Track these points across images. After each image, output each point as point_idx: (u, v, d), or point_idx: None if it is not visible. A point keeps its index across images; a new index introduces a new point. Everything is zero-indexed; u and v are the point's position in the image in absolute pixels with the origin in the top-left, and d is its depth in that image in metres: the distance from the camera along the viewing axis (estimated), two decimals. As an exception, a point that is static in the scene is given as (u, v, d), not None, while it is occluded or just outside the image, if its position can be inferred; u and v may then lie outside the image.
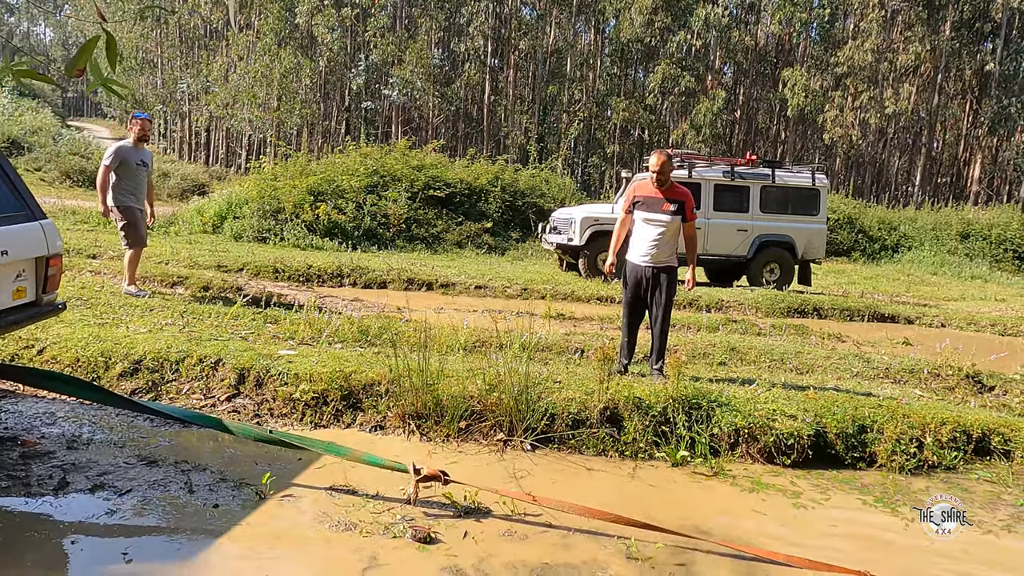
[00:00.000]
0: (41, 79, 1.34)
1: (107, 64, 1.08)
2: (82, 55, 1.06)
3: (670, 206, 5.30)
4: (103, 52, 1.16)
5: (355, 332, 6.09)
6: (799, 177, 12.09)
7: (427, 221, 15.54)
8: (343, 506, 3.62)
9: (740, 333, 8.00)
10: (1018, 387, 6.52)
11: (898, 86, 32.12)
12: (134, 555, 3.03)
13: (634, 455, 4.54)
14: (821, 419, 4.69)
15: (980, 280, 19.30)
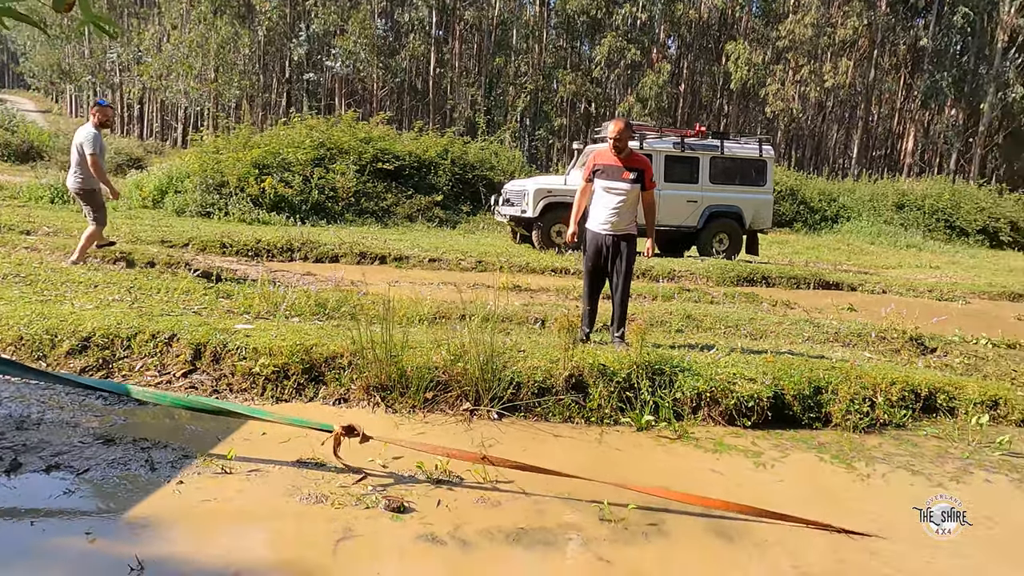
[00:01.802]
0: (26, 20, 1.23)
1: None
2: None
3: (630, 174, 5.32)
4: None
5: (312, 306, 5.97)
6: (746, 148, 12.30)
7: (376, 194, 15.30)
8: (312, 479, 3.56)
9: (694, 301, 8.14)
10: (957, 348, 6.81)
11: (837, 60, 32.85)
12: (97, 534, 2.93)
13: (600, 421, 4.59)
14: (779, 382, 4.82)
15: (915, 248, 20.05)
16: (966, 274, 13.57)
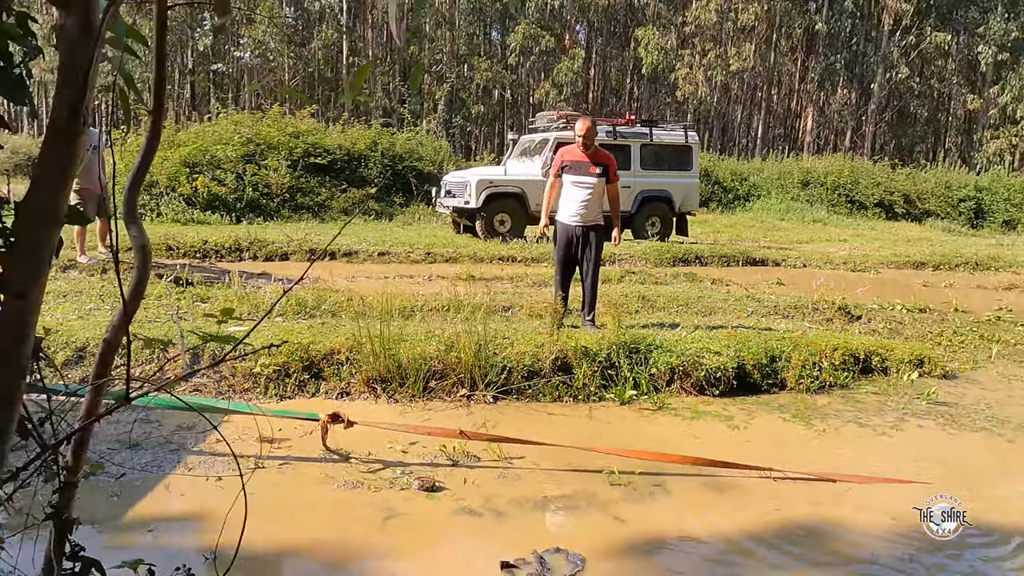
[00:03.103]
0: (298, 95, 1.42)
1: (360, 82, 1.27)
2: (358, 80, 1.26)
3: (596, 169, 5.73)
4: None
5: (293, 305, 6.13)
6: (673, 135, 12.95)
7: (311, 189, 15.23)
8: (340, 469, 3.83)
9: (641, 283, 8.67)
10: (879, 315, 7.59)
11: (740, 45, 34.35)
12: (160, 531, 3.12)
13: (586, 398, 5.00)
14: (740, 353, 5.35)
15: (820, 223, 21.40)
16: (871, 245, 14.71)
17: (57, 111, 0.86)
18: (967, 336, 7.06)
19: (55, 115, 0.87)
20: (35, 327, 0.97)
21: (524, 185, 11.88)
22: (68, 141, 0.87)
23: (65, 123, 0.86)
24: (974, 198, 24.15)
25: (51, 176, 0.89)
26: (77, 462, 1.18)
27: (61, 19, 0.86)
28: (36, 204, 0.88)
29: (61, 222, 0.94)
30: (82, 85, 0.84)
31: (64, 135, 0.87)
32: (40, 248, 0.92)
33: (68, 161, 0.89)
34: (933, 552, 3.26)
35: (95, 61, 0.85)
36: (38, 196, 0.88)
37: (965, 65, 38.90)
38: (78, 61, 0.84)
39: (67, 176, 0.91)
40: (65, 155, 0.89)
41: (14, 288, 0.91)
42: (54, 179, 0.89)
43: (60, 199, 0.91)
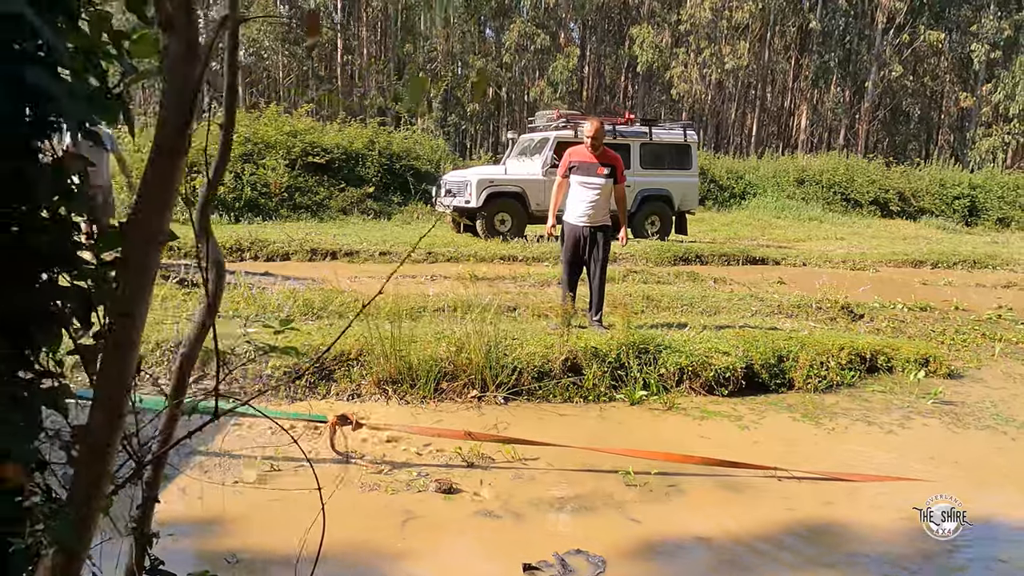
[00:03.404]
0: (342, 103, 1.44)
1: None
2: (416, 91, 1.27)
3: (604, 169, 5.75)
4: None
5: (300, 306, 6.13)
6: (672, 134, 12.98)
7: (309, 189, 15.20)
8: (355, 471, 3.83)
9: (644, 282, 8.69)
10: (881, 313, 7.64)
11: (735, 43, 34.41)
12: (181, 534, 3.13)
13: (596, 399, 5.02)
14: (749, 353, 5.38)
15: (816, 221, 21.48)
16: (868, 244, 14.79)
17: (162, 131, 0.87)
18: (969, 335, 7.10)
19: (160, 135, 0.87)
20: (139, 345, 0.97)
21: (524, 184, 11.90)
22: (173, 160, 0.88)
23: (170, 143, 0.87)
24: (968, 196, 24.27)
25: (155, 195, 0.89)
26: (157, 478, 1.18)
27: (164, 40, 0.86)
28: (141, 224, 0.89)
29: (165, 241, 0.95)
30: (189, 106, 0.84)
31: (169, 154, 0.88)
32: (145, 267, 0.93)
33: (172, 180, 0.89)
34: (941, 550, 3.29)
35: (201, 82, 0.86)
36: (143, 215, 0.89)
37: (958, 63, 39.07)
38: (183, 82, 0.84)
39: (171, 195, 0.91)
40: (170, 174, 0.89)
41: (120, 307, 0.91)
42: (158, 198, 0.90)
43: (164, 218, 0.92)
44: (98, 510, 0.92)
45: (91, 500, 0.89)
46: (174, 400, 1.15)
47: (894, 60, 35.62)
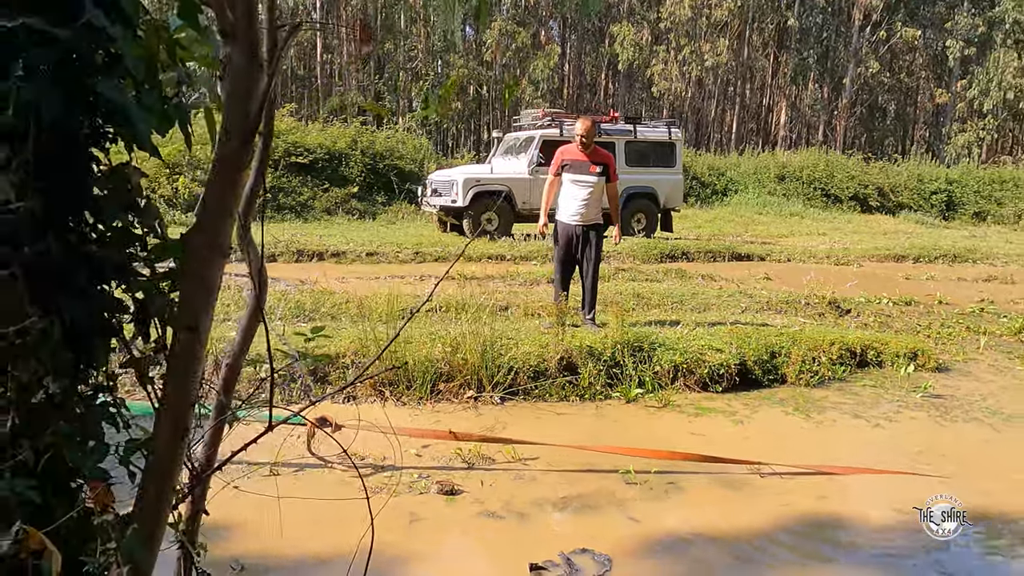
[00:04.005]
0: (381, 111, 1.42)
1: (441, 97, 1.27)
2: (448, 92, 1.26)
3: (596, 168, 5.77)
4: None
5: (292, 308, 6.09)
6: (656, 132, 13.04)
7: (293, 189, 15.11)
8: (354, 474, 3.81)
9: (633, 280, 8.73)
10: (867, 308, 7.73)
11: (714, 40, 34.61)
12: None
13: (592, 397, 5.04)
14: (742, 349, 5.42)
15: (798, 217, 21.67)
16: (850, 239, 14.94)
17: (226, 141, 0.86)
18: (954, 328, 7.21)
19: (224, 145, 0.86)
20: (204, 358, 0.96)
21: (511, 183, 11.90)
22: (235, 173, 0.87)
23: (234, 154, 0.86)
24: (945, 190, 24.61)
25: (217, 206, 0.88)
26: (204, 489, 1.17)
27: (227, 49, 0.85)
28: (203, 236, 0.88)
29: (227, 253, 0.94)
30: (256, 116, 0.83)
31: (232, 167, 0.87)
32: (208, 280, 0.92)
33: (234, 192, 0.88)
34: (931, 543, 3.33)
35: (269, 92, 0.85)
36: (205, 227, 0.87)
37: (933, 60, 39.58)
38: (246, 93, 0.83)
39: (232, 207, 0.90)
40: (231, 186, 0.88)
41: (184, 321, 0.90)
42: (220, 209, 0.89)
43: (226, 230, 0.91)
44: (164, 523, 0.91)
45: (158, 515, 0.88)
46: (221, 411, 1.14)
47: (871, 57, 35.98)
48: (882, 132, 42.69)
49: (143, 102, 0.82)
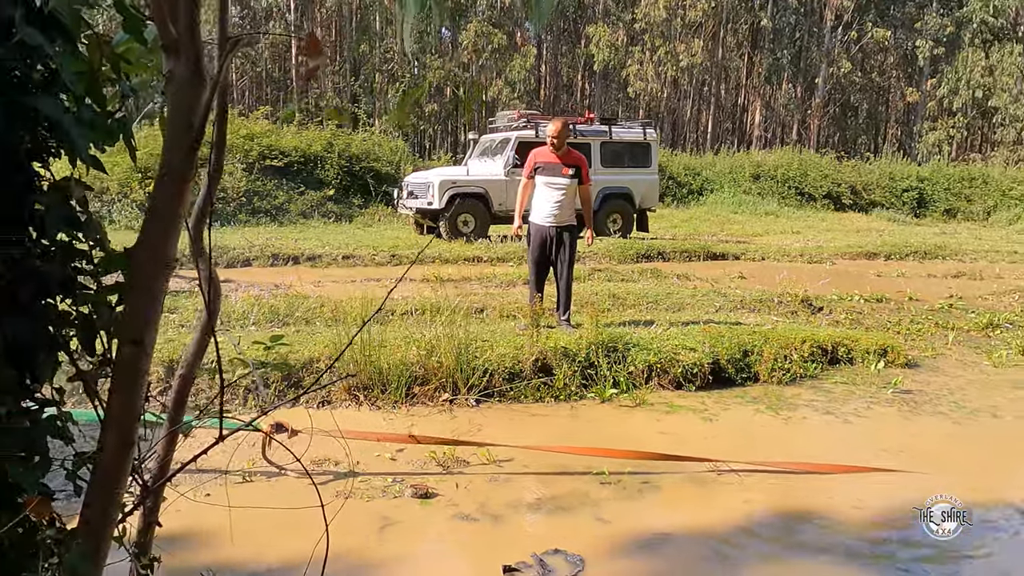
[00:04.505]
0: (342, 119, 1.42)
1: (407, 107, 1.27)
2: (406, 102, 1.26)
3: (568, 170, 5.79)
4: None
5: (266, 313, 6.05)
6: (632, 132, 13.12)
7: (268, 193, 15.00)
8: (328, 479, 3.80)
9: (609, 280, 8.78)
10: (839, 305, 7.83)
11: (689, 41, 34.86)
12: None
13: (567, 398, 5.06)
14: (715, 349, 5.47)
15: (772, 215, 21.89)
16: (823, 237, 15.12)
17: (169, 154, 0.86)
18: (923, 324, 7.32)
19: (167, 158, 0.86)
20: (148, 372, 0.96)
21: (487, 185, 11.90)
22: (180, 185, 0.87)
23: (178, 166, 0.86)
24: (916, 188, 24.98)
25: (162, 219, 0.88)
26: (157, 501, 1.17)
27: (170, 64, 0.85)
28: (148, 249, 0.87)
29: (172, 266, 0.94)
30: (199, 130, 0.83)
31: (176, 179, 0.87)
32: (153, 293, 0.91)
33: (180, 204, 0.88)
34: (894, 539, 3.38)
35: (224, 103, 0.85)
36: (150, 240, 0.87)
37: (903, 59, 40.16)
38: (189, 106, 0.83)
39: (178, 219, 0.90)
40: (177, 198, 0.88)
41: (130, 334, 0.90)
42: (166, 222, 0.89)
43: (172, 243, 0.91)
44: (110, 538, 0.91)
45: (103, 529, 0.88)
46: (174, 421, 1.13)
47: (843, 57, 36.42)
48: (855, 131, 43.26)
49: (81, 117, 0.82)
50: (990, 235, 17.75)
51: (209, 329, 1.16)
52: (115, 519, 0.90)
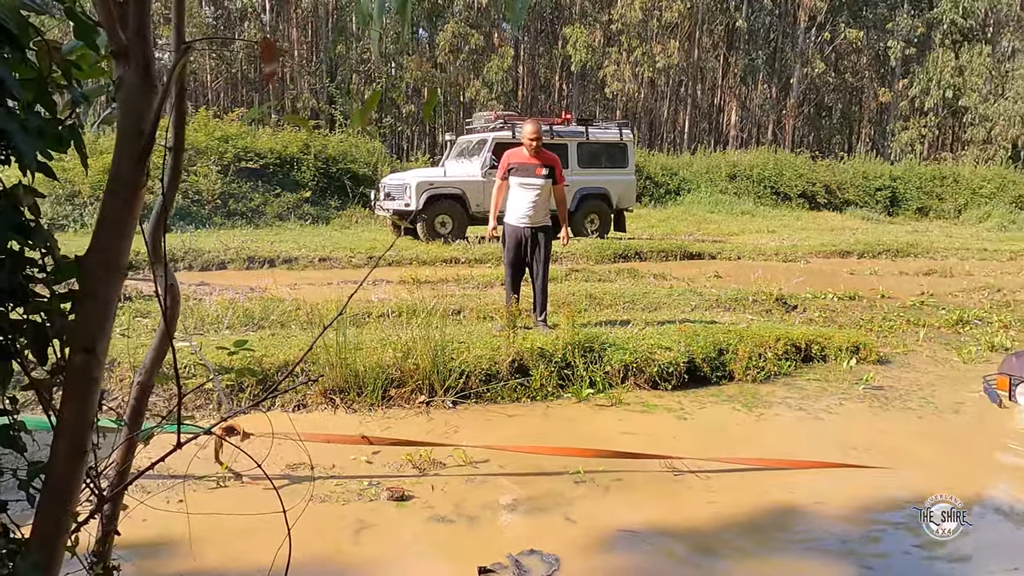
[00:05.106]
0: (302, 123, 1.40)
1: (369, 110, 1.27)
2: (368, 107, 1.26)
3: (542, 170, 5.81)
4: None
5: (240, 317, 6.00)
6: (608, 133, 13.17)
7: (243, 195, 14.86)
8: (303, 484, 3.78)
9: (586, 281, 8.81)
10: (813, 304, 7.92)
11: (665, 42, 35.08)
12: (121, 561, 3.04)
13: (544, 398, 5.08)
14: (690, 348, 5.52)
15: (748, 215, 22.08)
16: (798, 236, 15.29)
17: (119, 161, 0.85)
18: (895, 321, 7.43)
19: (117, 165, 0.85)
20: (101, 380, 0.95)
21: (464, 186, 11.90)
22: (131, 191, 0.86)
23: (128, 173, 0.85)
24: (889, 187, 25.34)
25: (114, 226, 0.87)
26: (116, 509, 1.16)
27: (120, 70, 0.85)
28: (99, 256, 0.87)
29: (124, 273, 0.93)
30: (149, 137, 0.83)
31: (127, 185, 0.86)
32: (105, 300, 0.91)
33: (132, 211, 0.87)
34: (860, 536, 3.42)
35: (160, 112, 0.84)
36: (101, 247, 0.86)
37: (875, 60, 40.70)
38: (140, 112, 0.83)
39: (131, 226, 0.89)
40: (128, 205, 0.87)
41: (81, 342, 0.89)
42: (117, 229, 0.88)
43: (124, 249, 0.90)
44: (63, 548, 0.90)
45: (56, 539, 0.87)
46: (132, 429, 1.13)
47: (816, 57, 36.85)
48: (829, 131, 43.76)
49: (28, 124, 0.81)
50: (961, 233, 18.06)
51: (167, 335, 1.15)
52: (68, 528, 0.90)
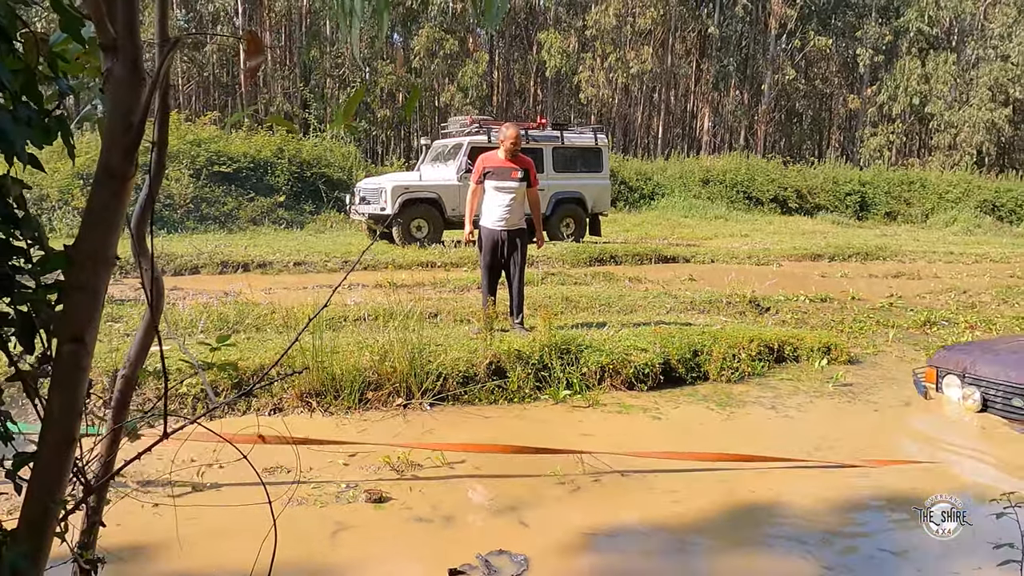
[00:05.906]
0: (288, 126, 1.41)
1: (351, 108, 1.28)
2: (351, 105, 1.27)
3: (517, 174, 5.85)
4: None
5: (215, 321, 5.96)
6: (583, 138, 13.26)
7: (216, 199, 14.73)
8: (282, 488, 3.76)
9: (562, 284, 8.86)
10: (785, 306, 8.05)
11: (638, 48, 35.41)
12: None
13: (521, 400, 5.10)
14: (666, 349, 5.58)
15: (722, 219, 22.33)
16: (770, 240, 15.50)
17: (108, 154, 0.86)
18: (865, 323, 7.57)
19: (106, 158, 0.86)
20: (90, 370, 0.95)
21: (440, 190, 11.91)
22: (120, 183, 0.87)
23: (117, 165, 0.86)
24: (859, 192, 25.79)
25: (102, 218, 0.88)
26: (101, 501, 1.16)
27: (108, 63, 0.85)
28: (88, 247, 0.87)
29: (113, 264, 0.93)
30: (137, 130, 0.84)
31: (116, 178, 0.87)
32: (94, 291, 0.91)
33: (120, 203, 0.88)
34: (817, 533, 3.47)
35: (149, 106, 0.85)
36: (90, 239, 0.87)
37: (845, 67, 41.42)
38: (128, 105, 0.84)
39: (118, 218, 0.90)
40: (116, 197, 0.88)
41: (70, 332, 0.89)
42: (106, 221, 0.89)
43: (112, 241, 0.90)
44: (50, 537, 0.90)
45: (44, 527, 0.87)
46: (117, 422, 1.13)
47: (787, 64, 37.42)
48: (800, 136, 44.43)
49: (18, 115, 0.82)
50: (928, 237, 18.42)
51: (152, 328, 1.16)
52: (56, 517, 0.90)
